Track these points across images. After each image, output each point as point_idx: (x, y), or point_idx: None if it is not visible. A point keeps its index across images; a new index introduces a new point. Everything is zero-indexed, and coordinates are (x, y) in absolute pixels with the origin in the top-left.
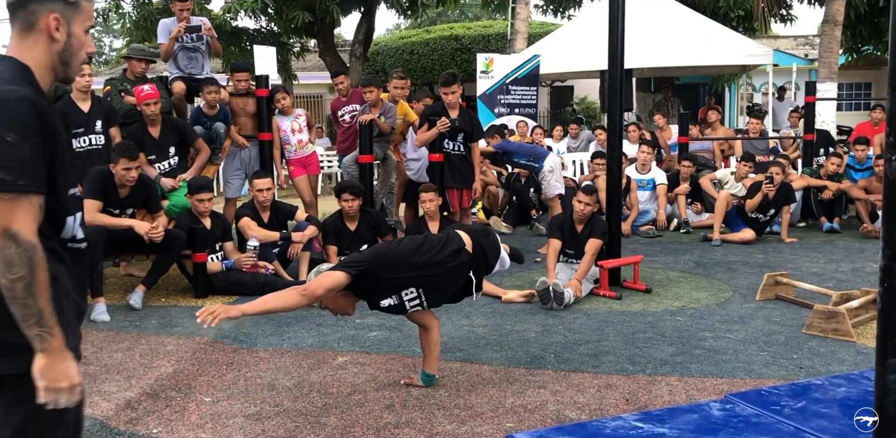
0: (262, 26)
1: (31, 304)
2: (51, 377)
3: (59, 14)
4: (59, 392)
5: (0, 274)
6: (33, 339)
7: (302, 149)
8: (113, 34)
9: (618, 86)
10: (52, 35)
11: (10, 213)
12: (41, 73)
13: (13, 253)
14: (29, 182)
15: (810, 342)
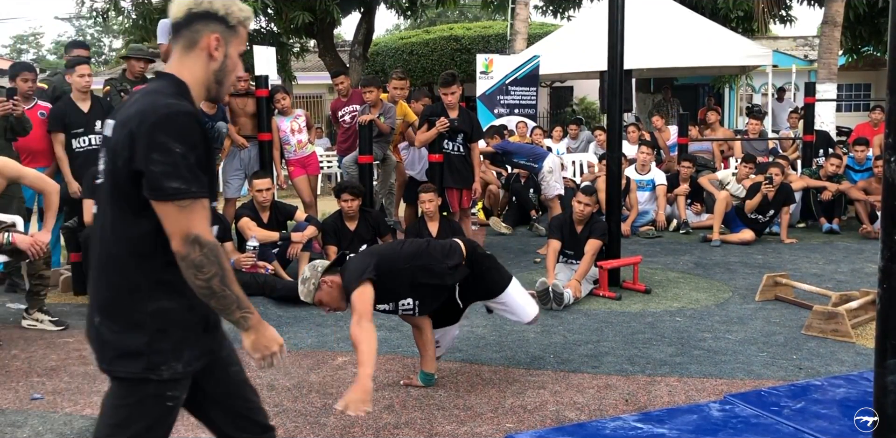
0: (261, 26)
1: (228, 294)
2: (261, 347)
3: (219, 35)
4: (273, 356)
5: (193, 277)
6: (238, 322)
7: (301, 150)
8: (112, 34)
9: (617, 86)
10: (212, 54)
11: (189, 220)
12: (197, 90)
13: (200, 255)
14: (198, 188)
15: (809, 343)
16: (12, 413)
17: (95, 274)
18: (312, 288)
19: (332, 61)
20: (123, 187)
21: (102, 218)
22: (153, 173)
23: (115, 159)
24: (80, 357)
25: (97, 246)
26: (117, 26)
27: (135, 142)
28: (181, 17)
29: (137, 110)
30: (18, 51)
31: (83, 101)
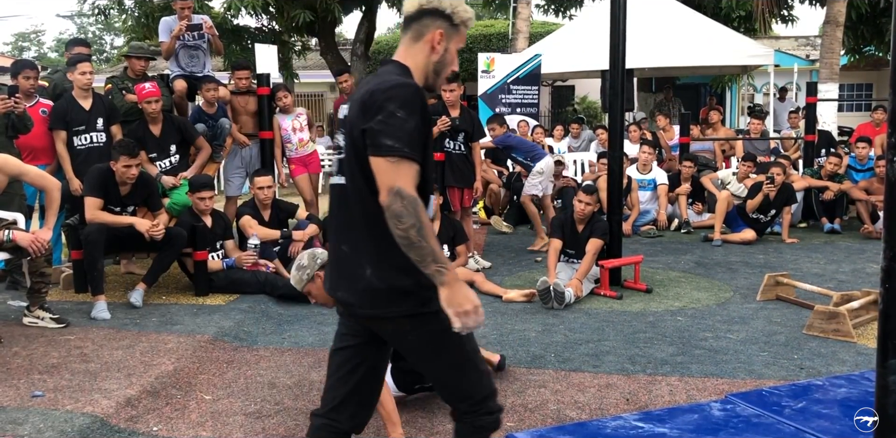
0: (263, 25)
1: (424, 246)
2: (456, 303)
3: (444, 31)
4: (467, 315)
5: (393, 227)
6: (433, 275)
7: (303, 148)
8: (114, 32)
9: (619, 86)
10: (434, 47)
11: (395, 174)
12: (417, 77)
13: (400, 206)
14: (410, 151)
15: (811, 342)
16: (13, 410)
17: (348, 233)
18: (305, 278)
19: (334, 60)
20: (362, 154)
21: (351, 182)
22: (373, 131)
23: (353, 130)
24: (82, 354)
25: (345, 208)
26: (119, 24)
27: (366, 110)
28: (413, 12)
29: (368, 89)
30: (20, 48)
31: (84, 99)
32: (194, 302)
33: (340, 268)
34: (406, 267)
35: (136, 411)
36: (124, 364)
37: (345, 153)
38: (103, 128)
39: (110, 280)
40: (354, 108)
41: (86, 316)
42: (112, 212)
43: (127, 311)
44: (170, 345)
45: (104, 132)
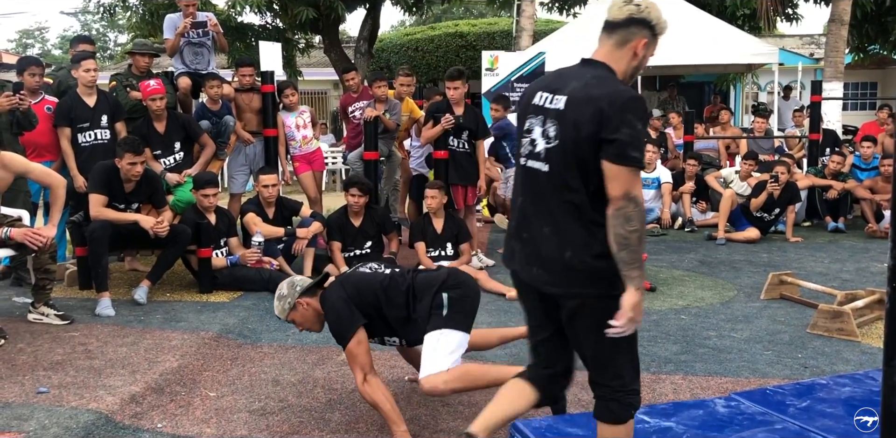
0: (266, 22)
1: (637, 251)
2: (637, 310)
3: (647, 40)
4: (634, 322)
5: (620, 226)
6: (633, 279)
7: (307, 146)
8: (118, 29)
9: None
10: (637, 53)
11: (634, 182)
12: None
13: (633, 211)
14: (643, 159)
15: (815, 341)
16: (18, 406)
17: (549, 218)
18: (287, 308)
19: (338, 57)
20: (584, 151)
21: (556, 173)
22: (621, 142)
23: (579, 129)
24: (86, 351)
25: (542, 194)
26: (123, 21)
27: (605, 118)
28: (622, 19)
29: (604, 93)
30: (24, 45)
31: (89, 96)
32: (198, 299)
33: (538, 247)
34: (604, 255)
35: (141, 408)
36: (129, 360)
37: (558, 144)
38: (108, 125)
39: (114, 277)
40: (585, 108)
41: (90, 313)
42: (116, 209)
43: (131, 308)
44: (174, 342)
45: (108, 129)
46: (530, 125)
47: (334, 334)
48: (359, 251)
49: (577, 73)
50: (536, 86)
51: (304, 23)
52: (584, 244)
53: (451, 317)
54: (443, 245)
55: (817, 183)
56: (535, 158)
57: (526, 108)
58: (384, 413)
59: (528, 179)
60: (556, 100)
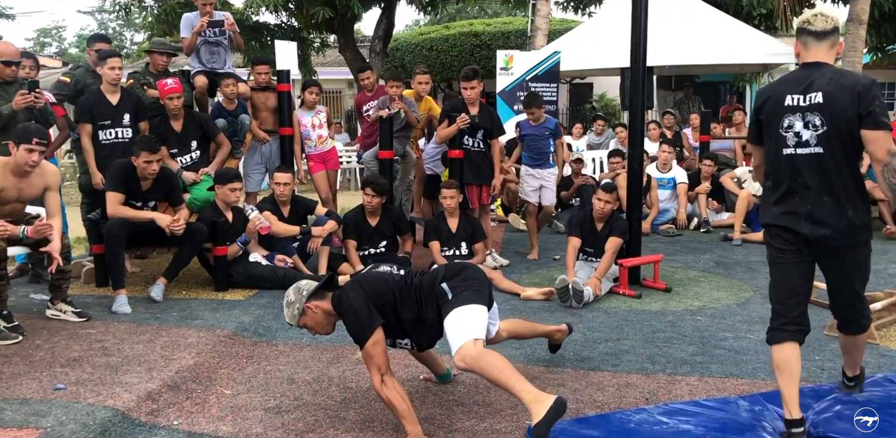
0: (282, 21)
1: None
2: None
3: (841, 42)
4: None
5: (890, 176)
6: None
7: (322, 145)
8: (134, 28)
9: (640, 84)
10: (838, 53)
11: (889, 141)
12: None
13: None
14: (890, 124)
15: (832, 344)
16: (36, 402)
17: (829, 189)
18: (297, 313)
19: (353, 56)
20: (849, 129)
21: (832, 152)
22: (875, 113)
23: (844, 110)
24: (103, 348)
25: (821, 172)
26: (139, 20)
27: (860, 98)
28: (830, 28)
29: (851, 81)
30: (41, 44)
31: (112, 94)
32: (214, 296)
33: (823, 214)
34: (868, 210)
35: (157, 405)
36: (145, 358)
37: (826, 130)
38: (130, 123)
39: (131, 274)
40: (842, 96)
41: (107, 310)
42: (133, 207)
43: (147, 306)
44: (190, 340)
45: (130, 128)
46: (790, 122)
47: (352, 333)
48: (374, 250)
49: (814, 73)
50: (779, 91)
51: (320, 22)
52: (857, 205)
53: (456, 298)
54: (457, 244)
55: None
56: (804, 146)
57: (779, 109)
58: (399, 412)
59: (799, 163)
60: (812, 97)
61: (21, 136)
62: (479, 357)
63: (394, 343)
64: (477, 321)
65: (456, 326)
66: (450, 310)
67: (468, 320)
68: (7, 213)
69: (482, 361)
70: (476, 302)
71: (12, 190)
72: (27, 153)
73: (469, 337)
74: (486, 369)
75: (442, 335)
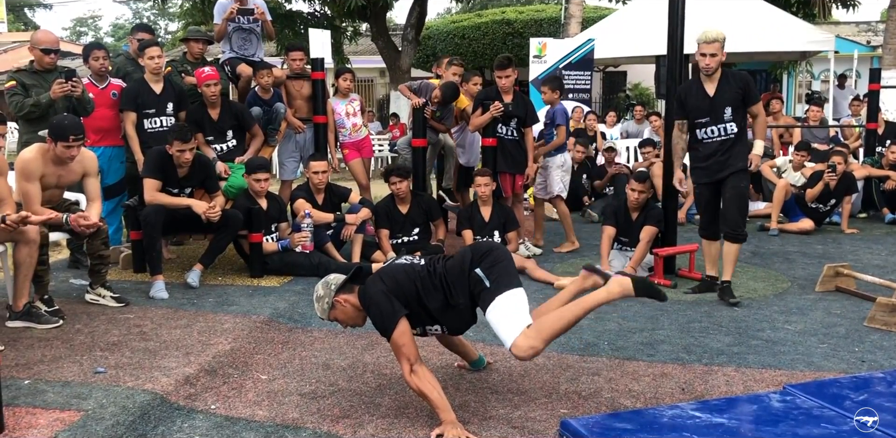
0: (315, 10)
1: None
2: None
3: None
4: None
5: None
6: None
7: (356, 133)
8: (168, 17)
9: (677, 72)
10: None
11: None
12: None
13: None
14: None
15: (872, 335)
16: (77, 385)
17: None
18: (327, 307)
19: (385, 45)
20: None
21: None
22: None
23: None
24: (141, 333)
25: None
26: (174, 10)
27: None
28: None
29: None
30: (78, 33)
31: (156, 83)
32: (249, 283)
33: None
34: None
35: (195, 389)
36: (182, 343)
37: None
38: (173, 112)
39: (168, 260)
40: None
41: (144, 296)
42: (170, 194)
43: (184, 291)
44: (226, 325)
45: (174, 116)
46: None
47: (378, 327)
48: (406, 238)
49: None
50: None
51: (353, 10)
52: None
53: (495, 285)
54: (490, 233)
55: (874, 173)
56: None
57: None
58: (431, 402)
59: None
60: None
61: (58, 134)
62: (538, 340)
63: (424, 331)
64: (522, 306)
65: (504, 317)
66: (492, 300)
67: (514, 308)
68: (46, 200)
69: (541, 342)
70: (514, 285)
71: (52, 176)
72: (66, 149)
73: (521, 327)
74: (549, 339)
75: (475, 319)
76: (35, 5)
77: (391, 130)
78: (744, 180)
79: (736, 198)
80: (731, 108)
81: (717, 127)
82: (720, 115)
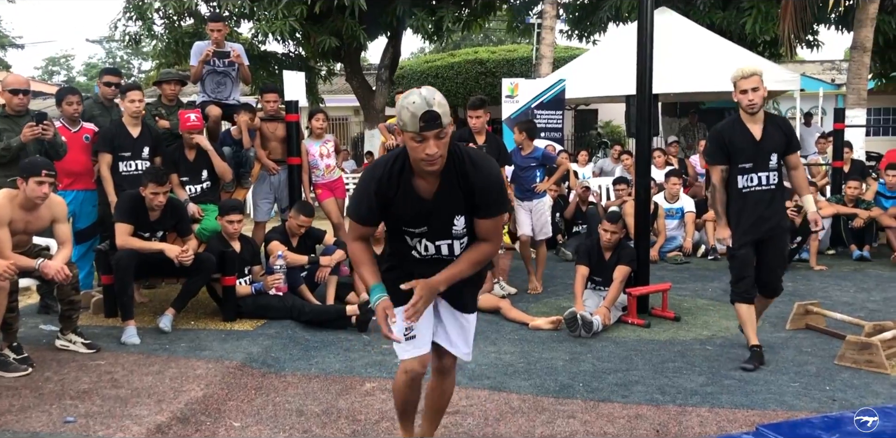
0: (289, 50)
1: None
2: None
3: None
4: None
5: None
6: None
7: (329, 174)
8: (142, 56)
9: (646, 112)
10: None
11: None
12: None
13: None
14: None
15: (843, 373)
16: (46, 435)
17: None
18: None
19: (359, 85)
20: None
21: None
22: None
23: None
24: (112, 380)
25: None
26: (148, 49)
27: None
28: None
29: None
30: (50, 73)
31: (133, 127)
32: (222, 327)
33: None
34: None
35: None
36: (154, 389)
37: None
38: (149, 157)
39: (139, 305)
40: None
41: (116, 341)
42: (142, 238)
43: (156, 336)
44: (199, 371)
45: (149, 161)
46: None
47: None
48: None
49: None
50: None
51: (327, 51)
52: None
53: (474, 305)
54: None
55: (842, 211)
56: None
57: None
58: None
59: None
60: None
61: (29, 170)
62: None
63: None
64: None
65: (472, 329)
66: (474, 310)
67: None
68: (15, 245)
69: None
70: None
71: (19, 222)
72: (37, 185)
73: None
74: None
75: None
76: (6, 45)
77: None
78: (786, 241)
79: (781, 261)
80: (776, 155)
81: (760, 174)
82: (766, 162)
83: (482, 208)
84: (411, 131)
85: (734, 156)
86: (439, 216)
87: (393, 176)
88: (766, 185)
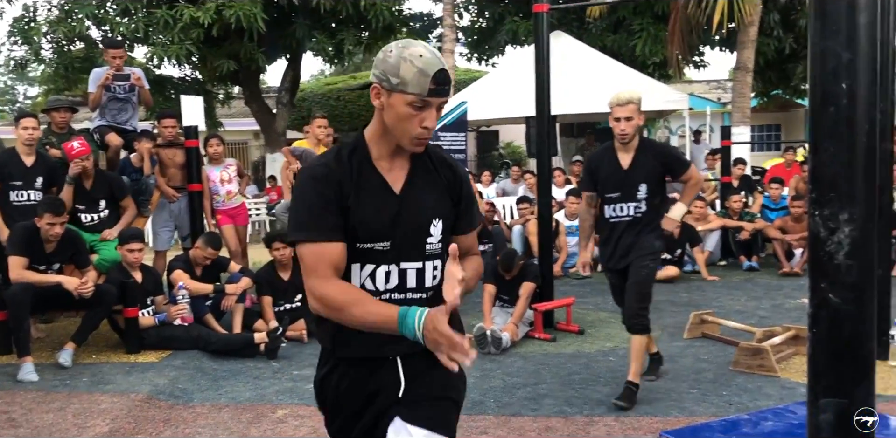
0: (186, 74)
1: None
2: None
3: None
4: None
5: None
6: None
7: (230, 201)
8: (27, 82)
9: (545, 133)
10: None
11: None
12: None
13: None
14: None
15: (738, 378)
16: None
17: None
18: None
19: (259, 108)
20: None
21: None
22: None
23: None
24: (10, 419)
25: None
26: (34, 74)
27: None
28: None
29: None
30: None
31: (27, 155)
32: (126, 360)
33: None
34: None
35: None
36: (56, 427)
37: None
38: (42, 187)
39: (37, 340)
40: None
41: (12, 379)
42: (37, 271)
43: (56, 372)
44: (103, 406)
45: (42, 191)
46: None
47: None
48: (289, 304)
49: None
50: None
51: (225, 74)
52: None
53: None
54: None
55: (729, 224)
56: None
57: None
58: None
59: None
60: None
61: None
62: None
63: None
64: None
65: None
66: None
67: None
68: None
69: None
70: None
71: None
72: None
73: None
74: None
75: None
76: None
77: (268, 193)
78: (649, 265)
79: (634, 286)
80: (646, 185)
81: (628, 204)
82: (633, 193)
83: (463, 216)
84: (413, 93)
85: (601, 185)
86: (410, 218)
87: (352, 162)
88: (633, 215)
